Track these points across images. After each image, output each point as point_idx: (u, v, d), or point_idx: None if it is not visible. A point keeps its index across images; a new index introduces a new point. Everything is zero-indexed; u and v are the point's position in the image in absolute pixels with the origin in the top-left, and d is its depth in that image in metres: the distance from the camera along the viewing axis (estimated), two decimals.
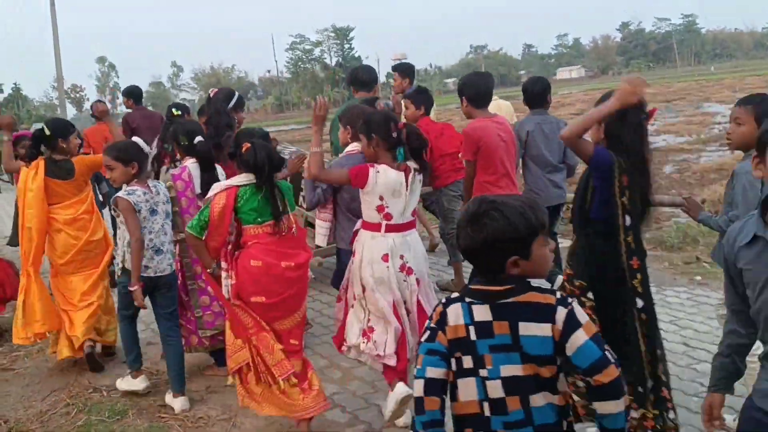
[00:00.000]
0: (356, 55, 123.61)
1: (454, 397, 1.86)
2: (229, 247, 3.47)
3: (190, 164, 4.25)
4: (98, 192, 6.55)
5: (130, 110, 8.66)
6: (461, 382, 1.83)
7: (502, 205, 1.79)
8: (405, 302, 3.46)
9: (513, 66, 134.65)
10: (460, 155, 4.56)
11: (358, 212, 3.61)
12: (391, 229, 3.41)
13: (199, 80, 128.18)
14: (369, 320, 3.44)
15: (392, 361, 3.38)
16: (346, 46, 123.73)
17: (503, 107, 6.22)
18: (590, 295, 2.92)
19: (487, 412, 1.79)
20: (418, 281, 3.49)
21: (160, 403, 4.10)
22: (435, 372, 1.83)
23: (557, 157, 4.94)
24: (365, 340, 3.43)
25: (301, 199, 5.21)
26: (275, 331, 3.40)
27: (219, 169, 4.34)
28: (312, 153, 3.52)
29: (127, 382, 4.24)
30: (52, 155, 4.49)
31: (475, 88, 4.47)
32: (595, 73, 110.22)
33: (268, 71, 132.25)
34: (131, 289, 3.83)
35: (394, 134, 3.38)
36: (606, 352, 1.75)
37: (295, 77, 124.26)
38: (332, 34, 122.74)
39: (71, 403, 4.20)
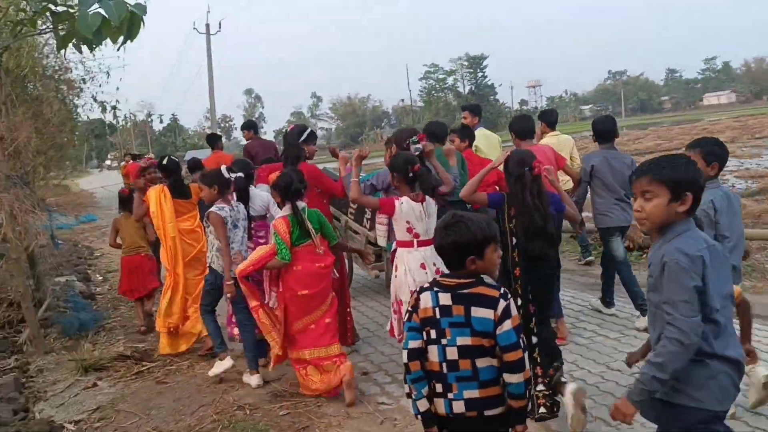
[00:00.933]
0: (489, 82, 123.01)
1: (427, 358, 2.54)
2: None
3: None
4: None
5: (249, 140, 9.75)
6: (429, 348, 2.52)
7: (467, 219, 2.49)
8: None
9: (654, 92, 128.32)
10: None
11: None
12: (421, 244, 4.34)
13: (336, 110, 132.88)
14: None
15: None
16: (480, 74, 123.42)
17: (562, 141, 7.16)
18: None
19: (445, 370, 2.49)
20: None
21: (300, 426, 4.17)
22: (414, 343, 2.54)
23: (624, 185, 5.54)
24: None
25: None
26: (314, 319, 4.56)
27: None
28: (352, 182, 4.60)
29: (217, 366, 4.98)
30: (176, 180, 5.82)
31: (520, 126, 5.75)
32: (747, 98, 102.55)
33: (402, 100, 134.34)
34: (228, 283, 4.74)
35: (411, 174, 4.40)
36: (520, 339, 2.43)
37: (427, 106, 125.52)
38: (465, 63, 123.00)
39: (217, 419, 4.37)
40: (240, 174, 5.17)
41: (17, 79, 18.47)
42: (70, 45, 5.79)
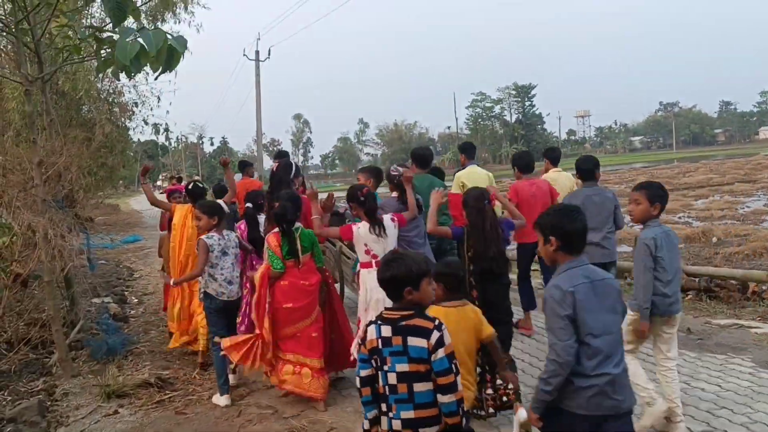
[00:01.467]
0: (537, 112, 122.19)
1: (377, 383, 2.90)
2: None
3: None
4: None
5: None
6: (379, 374, 2.86)
7: (404, 256, 2.94)
8: None
9: (707, 124, 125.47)
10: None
11: (411, 242, 5.18)
12: (379, 264, 3.98)
13: (382, 136, 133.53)
14: None
15: None
16: (527, 103, 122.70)
17: (562, 177, 7.33)
18: None
19: (387, 392, 2.83)
20: None
21: None
22: (364, 372, 2.90)
23: (607, 222, 5.95)
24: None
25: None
26: (300, 329, 5.04)
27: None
28: (313, 218, 5.07)
29: (215, 399, 5.26)
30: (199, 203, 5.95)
31: (521, 161, 6.90)
32: None
33: (448, 127, 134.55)
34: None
35: (362, 198, 4.89)
36: (452, 365, 2.75)
37: (474, 133, 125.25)
38: (513, 92, 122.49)
39: None
40: (249, 204, 6.01)
41: (72, 102, 19.10)
42: (108, 71, 5.92)
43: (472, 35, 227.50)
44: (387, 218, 4.89)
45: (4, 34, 7.07)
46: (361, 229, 4.83)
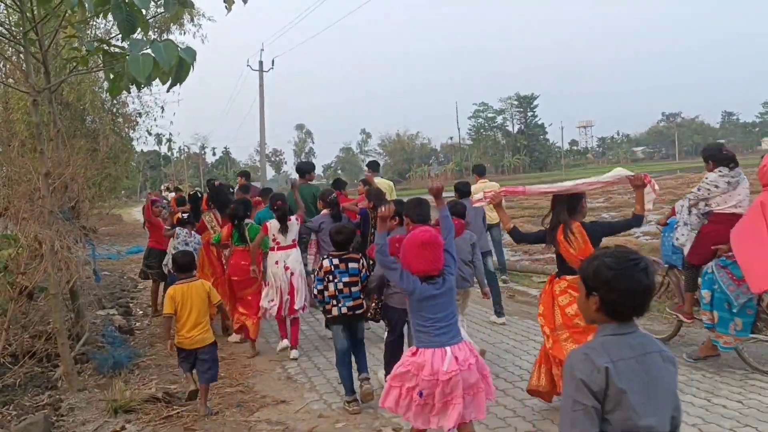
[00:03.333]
0: (539, 122, 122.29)
1: (328, 290, 5.27)
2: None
3: None
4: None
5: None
6: (329, 285, 5.24)
7: (346, 227, 5.58)
8: (281, 286, 6.94)
9: (710, 135, 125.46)
10: None
11: (328, 244, 6.36)
12: (280, 248, 7.04)
13: (385, 146, 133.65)
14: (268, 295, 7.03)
15: (277, 315, 7.05)
16: (530, 113, 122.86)
17: (489, 186, 8.80)
18: None
19: (337, 294, 5.23)
20: (292, 274, 6.98)
21: None
22: (320, 286, 5.32)
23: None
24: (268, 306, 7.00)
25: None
26: (245, 295, 7.34)
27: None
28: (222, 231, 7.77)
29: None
30: (195, 210, 8.35)
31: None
32: None
33: (450, 138, 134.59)
34: None
35: (275, 207, 7.13)
36: (368, 278, 5.41)
37: (476, 144, 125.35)
38: (515, 102, 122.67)
39: None
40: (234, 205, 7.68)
41: (76, 113, 19.09)
42: (120, 84, 5.87)
43: (474, 46, 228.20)
44: (293, 219, 7.15)
45: (12, 43, 7.04)
46: (271, 226, 7.06)
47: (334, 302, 5.21)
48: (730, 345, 5.58)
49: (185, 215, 8.46)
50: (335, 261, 5.27)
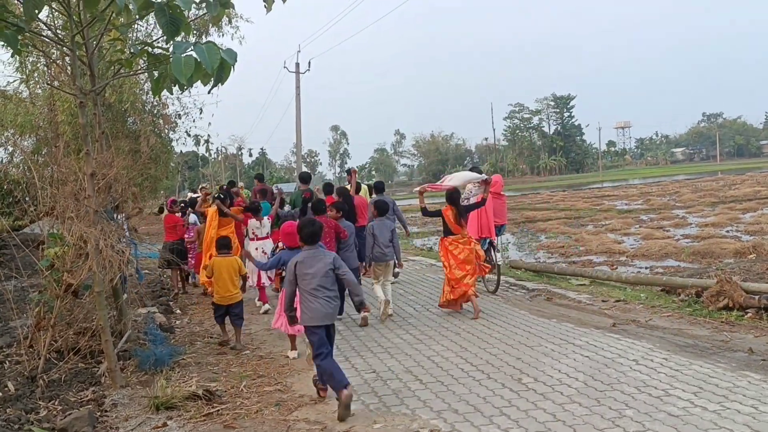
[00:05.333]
0: (576, 122, 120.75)
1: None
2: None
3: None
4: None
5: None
6: None
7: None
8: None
9: (753, 135, 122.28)
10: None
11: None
12: (259, 239, 9.71)
13: (419, 147, 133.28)
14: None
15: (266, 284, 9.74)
16: (566, 114, 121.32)
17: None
18: None
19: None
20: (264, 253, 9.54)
21: None
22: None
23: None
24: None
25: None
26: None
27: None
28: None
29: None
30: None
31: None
32: None
33: (486, 139, 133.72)
34: None
35: (255, 205, 10.06)
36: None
37: (511, 145, 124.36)
38: (552, 103, 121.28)
39: None
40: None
41: (118, 114, 19.44)
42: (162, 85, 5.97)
43: (509, 45, 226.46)
44: (265, 219, 9.88)
45: (58, 46, 7.21)
46: (252, 222, 9.75)
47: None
48: None
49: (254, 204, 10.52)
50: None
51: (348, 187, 11.80)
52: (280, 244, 7.53)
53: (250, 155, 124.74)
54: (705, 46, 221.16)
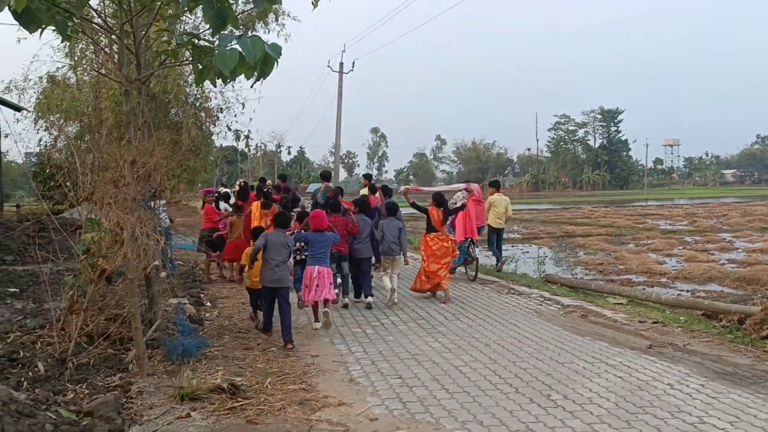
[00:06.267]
0: (623, 138, 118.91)
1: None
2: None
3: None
4: None
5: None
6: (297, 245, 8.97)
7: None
8: None
9: None
10: None
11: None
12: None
13: (459, 154, 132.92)
14: None
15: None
16: (613, 128, 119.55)
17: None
18: None
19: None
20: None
21: None
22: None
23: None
24: None
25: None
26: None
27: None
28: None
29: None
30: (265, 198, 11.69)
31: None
32: None
33: (528, 149, 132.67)
34: None
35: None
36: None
37: (554, 156, 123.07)
38: (599, 116, 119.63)
39: None
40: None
41: (161, 105, 19.79)
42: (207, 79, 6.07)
43: (556, 56, 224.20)
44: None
45: (107, 34, 7.39)
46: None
47: (299, 253, 9.09)
48: None
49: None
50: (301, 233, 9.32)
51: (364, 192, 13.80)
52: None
53: (289, 153, 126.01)
54: (761, 63, 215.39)
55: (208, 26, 5.48)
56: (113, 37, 6.72)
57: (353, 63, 37.85)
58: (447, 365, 6.70)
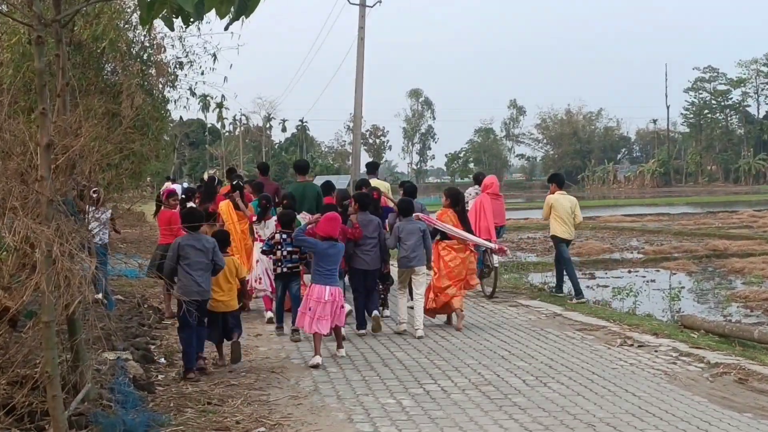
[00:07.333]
0: None
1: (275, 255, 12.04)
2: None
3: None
4: None
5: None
6: (278, 252, 11.83)
7: (291, 213, 12.57)
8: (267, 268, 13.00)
9: None
10: None
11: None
12: (261, 240, 12.97)
13: (546, 129, 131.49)
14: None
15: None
16: None
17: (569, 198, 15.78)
18: None
19: (282, 258, 11.81)
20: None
21: None
22: (268, 252, 12.36)
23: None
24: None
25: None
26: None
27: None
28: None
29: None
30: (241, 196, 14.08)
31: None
32: None
33: (653, 121, 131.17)
34: None
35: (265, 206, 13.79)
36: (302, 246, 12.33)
37: (694, 132, 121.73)
38: (764, 68, 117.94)
39: None
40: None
41: (91, 59, 20.02)
42: (159, 18, 6.14)
43: None
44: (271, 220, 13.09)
45: None
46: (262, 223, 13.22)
47: (279, 264, 11.66)
48: None
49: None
50: (284, 236, 11.60)
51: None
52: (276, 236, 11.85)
53: (284, 129, 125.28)
54: None
55: None
56: None
57: None
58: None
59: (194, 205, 14.52)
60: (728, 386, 9.00)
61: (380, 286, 12.95)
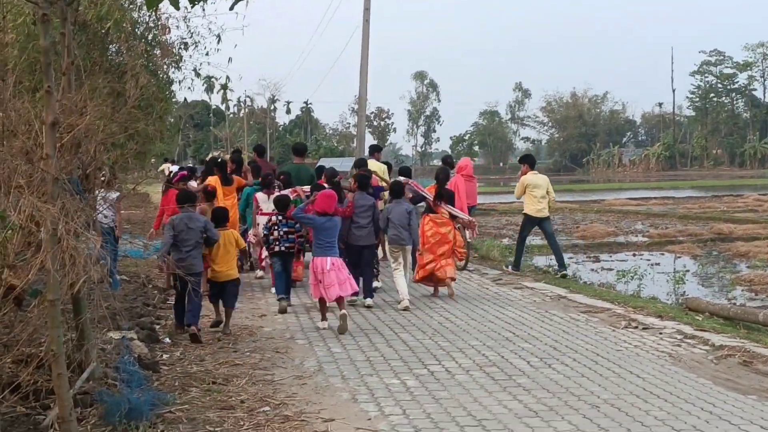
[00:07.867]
0: None
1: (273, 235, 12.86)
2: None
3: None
4: None
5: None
6: (275, 232, 12.66)
7: (286, 197, 13.34)
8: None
9: None
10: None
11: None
12: (263, 214, 14.34)
13: (551, 112, 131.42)
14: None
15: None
16: None
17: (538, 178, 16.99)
18: None
19: (279, 238, 12.62)
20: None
21: None
22: (266, 233, 12.97)
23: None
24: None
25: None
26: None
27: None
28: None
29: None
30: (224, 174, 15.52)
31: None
32: None
33: (659, 105, 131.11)
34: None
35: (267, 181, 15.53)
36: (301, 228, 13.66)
37: (700, 116, 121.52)
38: None
39: None
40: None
41: (96, 39, 19.99)
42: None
43: None
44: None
45: None
46: (260, 196, 14.69)
47: (277, 243, 12.42)
48: None
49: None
50: (279, 217, 12.56)
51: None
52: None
53: (288, 111, 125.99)
54: None
55: None
56: None
57: None
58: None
59: (195, 184, 15.96)
60: (733, 368, 9.01)
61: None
